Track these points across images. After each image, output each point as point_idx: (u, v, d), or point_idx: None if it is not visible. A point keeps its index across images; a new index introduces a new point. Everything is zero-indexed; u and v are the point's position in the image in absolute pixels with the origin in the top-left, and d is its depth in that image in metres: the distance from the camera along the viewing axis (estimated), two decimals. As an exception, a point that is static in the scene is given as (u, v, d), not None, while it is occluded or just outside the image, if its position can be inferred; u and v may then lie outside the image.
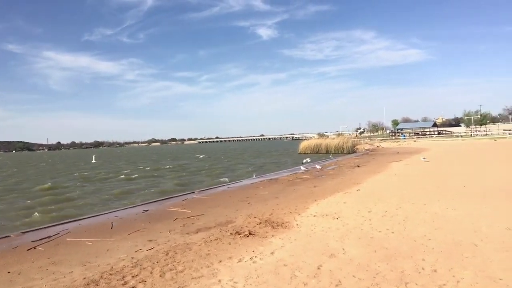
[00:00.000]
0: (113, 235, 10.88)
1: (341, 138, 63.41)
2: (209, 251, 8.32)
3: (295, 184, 20.58)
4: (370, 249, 7.63)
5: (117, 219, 13.50)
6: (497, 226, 8.81)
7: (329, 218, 10.84)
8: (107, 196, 20.57)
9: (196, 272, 6.97)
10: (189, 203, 16.09)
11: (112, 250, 9.23)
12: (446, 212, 10.58)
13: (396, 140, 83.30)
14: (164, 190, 21.83)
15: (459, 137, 72.87)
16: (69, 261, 8.51)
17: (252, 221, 11.21)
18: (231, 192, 19.06)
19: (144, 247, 9.17)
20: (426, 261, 6.74)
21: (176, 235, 10.30)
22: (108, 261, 8.20)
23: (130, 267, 7.56)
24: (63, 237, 11.07)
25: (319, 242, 8.47)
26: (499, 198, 12.26)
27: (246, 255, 7.80)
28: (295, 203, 13.94)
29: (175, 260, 7.83)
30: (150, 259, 8.01)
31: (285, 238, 8.97)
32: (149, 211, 14.69)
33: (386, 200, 12.95)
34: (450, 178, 18.07)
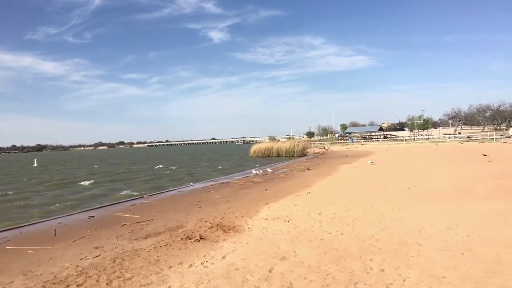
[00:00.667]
0: (57, 243, 10.36)
1: (291, 141, 64.22)
2: (159, 257, 8.11)
3: (247, 187, 20.58)
4: (321, 251, 7.74)
5: (61, 225, 12.89)
6: (439, 226, 9.21)
7: (280, 221, 10.91)
8: (55, 203, 19.64)
9: (145, 279, 6.77)
10: (137, 208, 15.66)
11: (55, 258, 8.78)
12: (392, 213, 10.95)
13: (344, 144, 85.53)
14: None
15: (403, 141, 75.91)
16: (9, 270, 8.01)
17: (203, 225, 11.07)
18: (182, 196, 18.76)
19: (89, 255, 8.80)
20: (374, 261, 6.92)
21: (124, 241, 9.96)
22: (51, 269, 7.79)
23: (74, 275, 7.22)
24: (2, 246, 10.40)
25: (271, 245, 8.49)
26: (441, 199, 12.85)
27: (197, 260, 7.68)
28: (247, 206, 13.93)
29: (123, 267, 7.57)
30: (96, 267, 7.69)
31: (236, 242, 8.92)
32: (95, 217, 14.14)
33: (336, 203, 13.22)
34: (396, 180, 18.76)
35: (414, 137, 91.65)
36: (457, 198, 12.87)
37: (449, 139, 69.48)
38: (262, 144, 63.80)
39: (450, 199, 12.65)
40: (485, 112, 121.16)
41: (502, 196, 12.71)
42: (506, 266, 6.33)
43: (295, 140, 72.21)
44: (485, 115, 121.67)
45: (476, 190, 14.10)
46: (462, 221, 9.60)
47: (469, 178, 17.65)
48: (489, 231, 8.52)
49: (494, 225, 9.06)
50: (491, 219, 9.66)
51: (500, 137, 62.20)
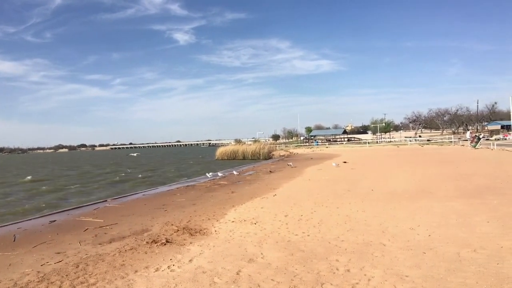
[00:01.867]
0: (16, 248, 9.98)
1: (257, 144, 64.60)
2: (124, 261, 7.95)
3: (213, 190, 20.50)
4: (288, 252, 7.81)
5: (20, 231, 12.43)
6: (402, 226, 9.49)
7: (247, 224, 10.93)
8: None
9: (110, 284, 6.62)
10: (101, 212, 15.31)
11: (15, 264, 8.45)
12: (357, 215, 11.18)
13: (309, 147, 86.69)
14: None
15: (366, 143, 77.75)
16: (-37, 279, 7.65)
17: (169, 228, 10.95)
18: (147, 200, 18.48)
19: (51, 260, 8.52)
20: (340, 262, 7.05)
21: (88, 246, 9.71)
22: (11, 276, 7.49)
23: (36, 281, 6.98)
24: (-45, 253, 9.93)
25: (238, 247, 8.49)
26: (403, 200, 13.24)
27: (163, 264, 7.58)
28: (213, 209, 13.87)
29: (87, 272, 7.37)
30: (59, 273, 7.45)
31: (203, 245, 8.87)
32: (57, 222, 13.72)
33: (302, 204, 13.38)
34: (359, 182, 19.18)
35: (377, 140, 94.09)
36: (419, 198, 13.29)
37: (410, 142, 71.78)
38: (228, 147, 63.76)
39: (412, 200, 13.06)
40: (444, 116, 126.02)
41: (461, 196, 13.24)
42: (465, 264, 6.59)
43: (260, 143, 72.68)
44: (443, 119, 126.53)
45: (437, 191, 14.62)
46: (424, 221, 9.92)
47: (430, 180, 18.27)
48: (449, 231, 8.85)
49: (454, 224, 9.42)
50: (451, 218, 10.04)
51: (458, 140, 64.79)
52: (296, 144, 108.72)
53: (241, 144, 71.99)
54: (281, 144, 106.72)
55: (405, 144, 69.30)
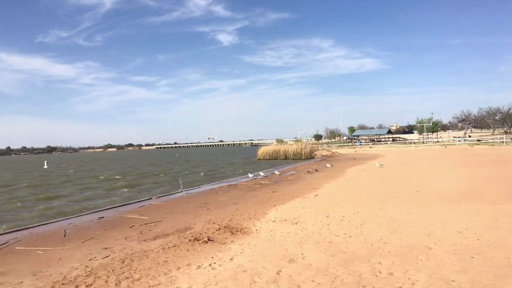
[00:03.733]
0: (66, 243, 10.45)
1: (299, 144, 64.04)
2: (167, 258, 8.14)
3: (254, 189, 20.60)
4: (329, 254, 7.72)
5: (71, 226, 13.00)
6: (449, 230, 9.15)
7: (288, 223, 10.91)
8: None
9: (154, 280, 6.79)
10: (146, 210, 15.74)
11: (65, 258, 8.85)
12: (401, 216, 10.89)
13: (352, 147, 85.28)
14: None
15: (412, 143, 75.48)
16: (19, 271, 8.09)
17: (211, 227, 11.10)
18: (190, 198, 18.82)
19: (99, 255, 8.86)
20: (382, 265, 6.89)
21: (133, 242, 10.02)
22: (61, 270, 7.85)
23: (84, 276, 7.27)
24: (12, 246, 10.52)
25: (278, 247, 8.49)
26: (450, 202, 12.77)
27: (205, 262, 7.69)
28: (254, 208, 13.94)
29: (132, 268, 7.60)
30: (105, 268, 7.73)
31: (244, 244, 8.93)
32: (105, 218, 14.25)
33: (344, 205, 13.19)
34: (404, 183, 18.67)
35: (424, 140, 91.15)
36: (467, 201, 12.78)
37: (459, 142, 69.02)
38: (270, 147, 63.75)
39: (460, 202, 12.57)
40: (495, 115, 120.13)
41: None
42: (516, 270, 6.27)
43: (302, 142, 71.90)
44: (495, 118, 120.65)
45: (487, 193, 14.00)
46: (472, 224, 9.53)
47: (480, 181, 17.52)
48: (499, 235, 8.45)
49: (505, 228, 8.99)
50: (502, 222, 9.58)
51: (510, 140, 61.61)
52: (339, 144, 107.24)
53: (283, 144, 71.71)
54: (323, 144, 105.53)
55: (453, 144, 66.75)
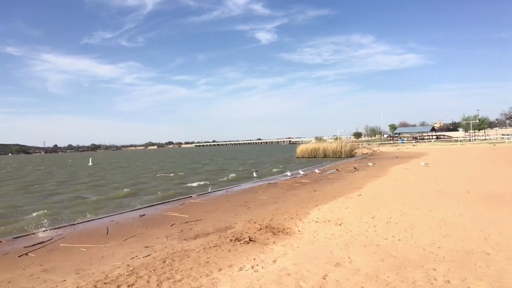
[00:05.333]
0: (109, 241, 10.49)
1: (339, 142, 62.87)
2: (208, 259, 7.95)
3: (294, 188, 20.22)
4: (377, 258, 7.29)
5: (113, 224, 13.11)
6: (507, 233, 8.50)
7: (331, 224, 10.50)
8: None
9: (195, 281, 6.60)
10: (186, 208, 15.71)
11: (107, 257, 8.85)
12: (453, 219, 10.25)
13: (394, 145, 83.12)
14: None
15: (458, 141, 72.78)
16: (62, 268, 8.13)
17: (252, 226, 10.86)
18: (230, 196, 18.69)
19: (140, 254, 8.79)
20: (437, 271, 6.40)
21: (174, 241, 9.92)
22: (103, 268, 7.83)
23: (125, 275, 7.19)
24: (56, 243, 10.68)
25: (323, 249, 8.12)
26: (504, 203, 11.96)
27: (247, 263, 7.44)
28: (296, 208, 13.59)
29: (173, 268, 7.46)
30: (147, 267, 7.63)
31: (287, 245, 8.62)
32: (146, 216, 14.31)
33: (389, 206, 12.62)
34: (453, 183, 17.77)
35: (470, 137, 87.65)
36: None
37: (508, 139, 65.76)
38: (309, 145, 62.97)
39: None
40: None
41: None
42: None
43: (342, 140, 70.61)
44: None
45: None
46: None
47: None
48: None
49: None
50: None
51: None
52: (380, 142, 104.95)
53: (322, 142, 70.71)
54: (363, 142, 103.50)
55: (502, 142, 63.71)
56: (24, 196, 23.71)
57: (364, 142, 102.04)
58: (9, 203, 20.18)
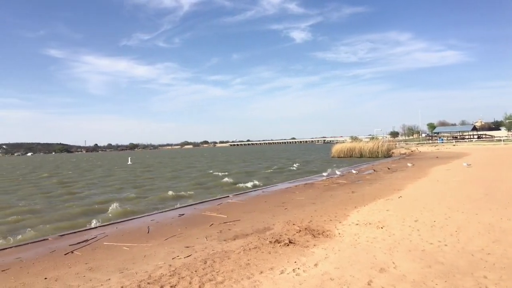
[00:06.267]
0: (150, 240, 10.67)
1: (375, 142, 61.71)
2: (249, 261, 7.93)
3: (332, 189, 19.97)
4: (424, 264, 7.05)
5: (153, 223, 13.34)
6: (562, 241, 8.05)
7: (372, 227, 10.27)
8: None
9: (237, 284, 6.59)
10: (224, 208, 15.79)
11: (149, 256, 8.98)
12: (501, 223, 9.81)
13: (433, 144, 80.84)
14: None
15: (500, 141, 69.96)
16: (106, 267, 8.32)
17: (291, 228, 10.77)
18: (266, 197, 18.65)
19: (181, 254, 8.88)
20: (488, 279, 6.12)
21: (213, 242, 9.96)
22: (146, 268, 7.95)
23: (168, 276, 7.26)
24: (100, 241, 10.96)
25: (366, 253, 7.94)
26: (558, 208, 11.36)
27: (288, 266, 7.37)
28: (334, 210, 13.39)
29: (214, 269, 7.48)
30: (188, 268, 7.69)
31: (328, 248, 8.49)
32: (185, 215, 14.48)
33: (433, 209, 12.23)
34: (498, 185, 17.05)
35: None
36: None
37: (556, 139, 62.67)
38: (344, 144, 62.20)
39: None
40: None
41: None
42: None
43: (378, 140, 69.26)
44: None
45: None
46: None
47: None
48: None
49: None
50: None
51: None
52: (418, 141, 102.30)
53: (358, 141, 69.59)
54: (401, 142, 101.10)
55: (549, 142, 60.79)
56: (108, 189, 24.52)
57: (401, 142, 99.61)
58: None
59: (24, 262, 9.28)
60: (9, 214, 17.43)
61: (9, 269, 8.75)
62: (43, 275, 8.03)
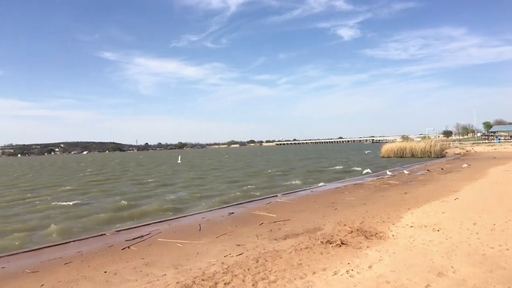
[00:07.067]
0: (202, 238, 10.88)
1: (427, 141, 59.55)
2: (301, 261, 7.90)
3: (383, 190, 19.51)
4: (485, 269, 6.74)
5: (204, 221, 13.59)
6: None
7: (428, 230, 9.94)
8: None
9: (290, 283, 6.58)
10: (273, 207, 15.83)
11: (202, 253, 9.16)
12: None
13: (490, 144, 77.10)
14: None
15: None
16: (162, 263, 8.57)
17: (342, 229, 10.63)
18: (315, 197, 18.52)
19: (233, 252, 8.99)
20: (558, 288, 5.77)
21: (264, 241, 10.01)
22: (199, 265, 8.11)
23: (221, 273, 7.38)
24: (154, 237, 11.30)
25: (422, 257, 7.69)
26: None
27: (341, 268, 7.27)
28: (387, 211, 13.08)
29: (266, 268, 7.51)
30: (241, 266, 7.77)
31: (382, 250, 8.30)
32: (235, 214, 14.65)
33: (492, 211, 11.66)
34: None
35: None
36: None
37: None
38: (395, 144, 60.59)
39: None
40: None
41: None
42: None
43: (431, 139, 66.84)
44: None
45: None
46: None
47: None
48: None
49: None
50: None
51: None
52: (473, 141, 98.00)
53: (409, 141, 67.49)
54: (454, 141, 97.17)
55: None
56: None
57: (455, 141, 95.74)
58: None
59: (85, 256, 9.75)
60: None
61: (71, 262, 9.22)
62: (102, 269, 8.40)
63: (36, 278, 8.15)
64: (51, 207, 19.37)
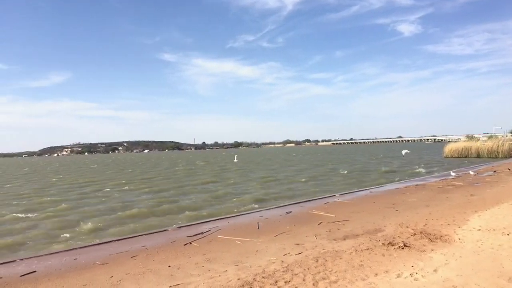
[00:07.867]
0: (260, 236, 11.00)
1: (494, 140, 56.25)
2: (362, 262, 7.78)
3: (447, 191, 18.71)
4: None
5: (262, 219, 13.73)
6: None
7: (497, 234, 9.43)
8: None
9: (351, 284, 6.51)
10: (331, 207, 15.68)
11: (261, 251, 9.28)
12: None
13: None
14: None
15: None
16: (222, 259, 8.77)
17: (405, 231, 10.33)
18: (375, 197, 18.12)
19: (292, 251, 9.02)
20: None
21: (323, 241, 9.96)
22: (259, 262, 8.22)
23: (281, 271, 7.44)
24: (214, 234, 11.58)
25: (491, 261, 7.33)
26: None
27: (404, 270, 7.09)
28: (452, 213, 12.55)
29: (326, 268, 7.48)
30: (301, 265, 7.78)
31: (447, 254, 7.99)
32: (292, 213, 14.67)
33: None
34: None
35: None
36: None
37: None
38: (459, 143, 57.86)
39: None
40: None
41: None
42: None
43: (498, 139, 63.08)
44: None
45: None
46: None
47: None
48: None
49: None
50: None
51: None
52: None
53: (474, 140, 64.08)
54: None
55: None
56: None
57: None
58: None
59: (149, 250, 10.18)
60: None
61: (137, 255, 9.68)
62: (166, 263, 8.74)
63: (106, 270, 8.63)
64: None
